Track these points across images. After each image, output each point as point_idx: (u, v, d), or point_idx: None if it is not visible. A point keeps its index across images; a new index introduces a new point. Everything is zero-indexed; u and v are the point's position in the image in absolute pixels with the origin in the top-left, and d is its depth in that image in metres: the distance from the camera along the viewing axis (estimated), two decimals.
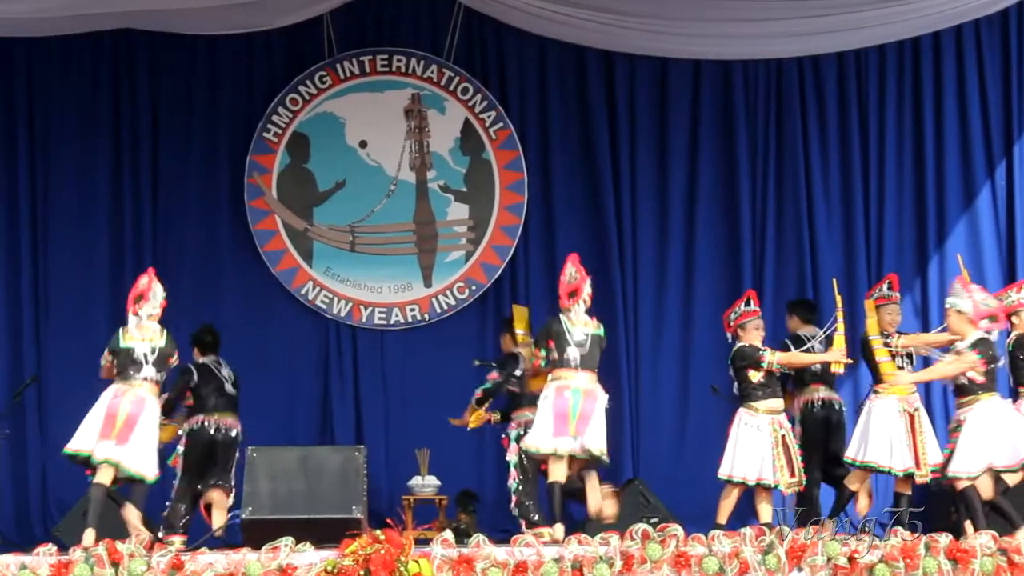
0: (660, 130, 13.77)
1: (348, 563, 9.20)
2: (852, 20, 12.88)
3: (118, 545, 9.32)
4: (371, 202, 13.62)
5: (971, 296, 10.42)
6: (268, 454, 10.31)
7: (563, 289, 10.86)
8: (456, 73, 13.67)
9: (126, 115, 13.46)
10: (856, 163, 13.66)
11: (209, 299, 13.28)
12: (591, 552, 9.43)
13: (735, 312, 11.09)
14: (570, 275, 10.88)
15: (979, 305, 10.38)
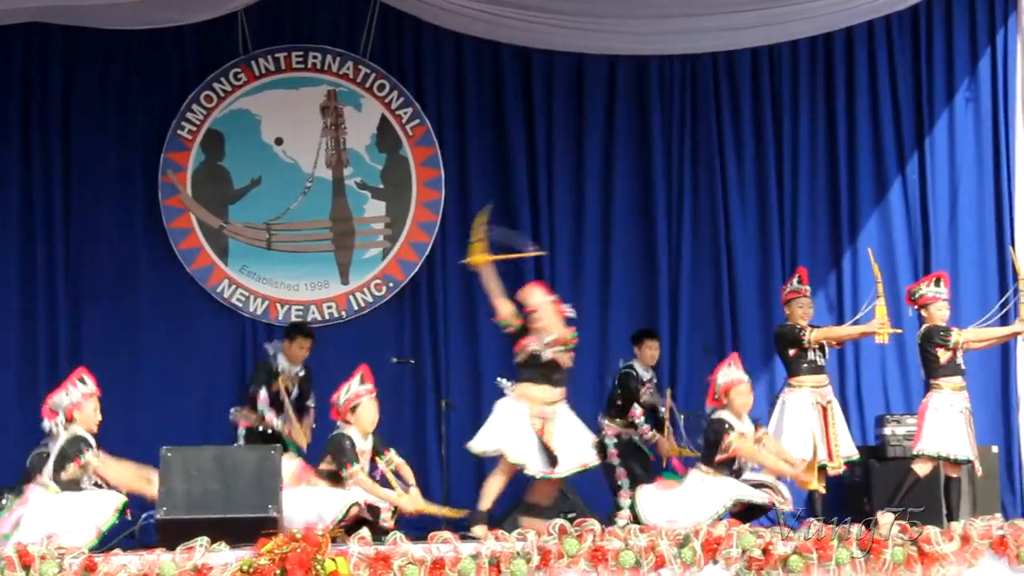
0: (576, 126, 13.82)
1: (264, 562, 9.13)
2: (765, 16, 13.02)
3: (29, 548, 9.26)
4: (287, 199, 13.58)
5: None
6: (183, 453, 10.20)
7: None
8: (372, 70, 13.65)
9: (36, 111, 13.30)
10: (770, 158, 13.76)
11: (125, 298, 13.21)
12: (508, 548, 9.42)
13: (920, 291, 11.01)
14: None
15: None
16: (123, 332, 13.19)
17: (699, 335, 13.30)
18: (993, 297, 12.44)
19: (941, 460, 10.70)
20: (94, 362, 12.57)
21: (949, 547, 9.51)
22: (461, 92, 13.82)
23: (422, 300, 13.66)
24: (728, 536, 9.51)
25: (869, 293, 13.37)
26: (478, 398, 13.13)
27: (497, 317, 10.61)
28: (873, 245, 13.43)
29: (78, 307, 13.23)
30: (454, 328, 13.45)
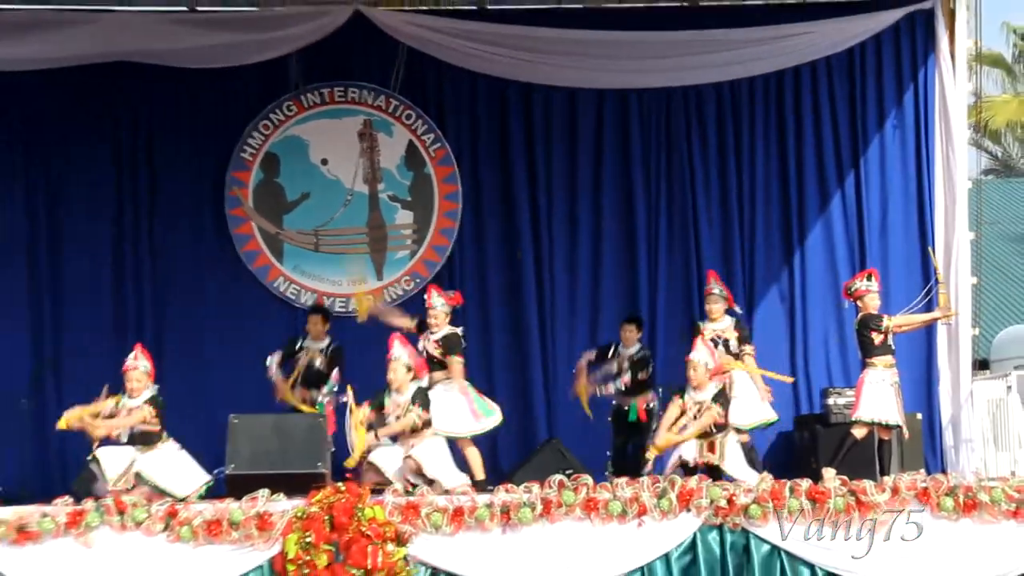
0: (570, 148, 13.72)
1: (315, 510, 9.21)
2: (725, 57, 13.03)
3: (123, 497, 9.32)
4: (331, 210, 13.55)
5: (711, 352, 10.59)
6: (247, 420, 10.28)
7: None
8: (401, 102, 13.64)
9: (124, 138, 13.34)
10: (731, 175, 13.63)
11: (197, 292, 13.22)
12: (516, 499, 9.48)
13: (855, 285, 11.03)
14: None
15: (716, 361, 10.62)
16: (196, 319, 13.19)
17: (674, 322, 13.31)
18: (917, 289, 12.42)
19: (875, 425, 10.71)
20: (173, 342, 12.79)
21: (882, 497, 9.56)
22: (475, 120, 13.77)
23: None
24: (699, 488, 9.56)
25: (815, 286, 13.49)
26: (490, 377, 13.16)
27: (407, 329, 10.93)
28: (816, 248, 13.56)
29: (160, 298, 13.23)
30: (471, 316, 13.40)
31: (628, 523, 9.45)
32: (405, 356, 10.38)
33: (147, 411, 9.98)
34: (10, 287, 13.07)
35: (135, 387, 10.09)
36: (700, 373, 10.38)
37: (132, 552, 9.13)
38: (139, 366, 10.16)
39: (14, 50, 12.24)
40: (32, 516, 9.14)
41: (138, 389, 10.08)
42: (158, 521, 9.17)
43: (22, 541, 9.07)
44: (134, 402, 10.04)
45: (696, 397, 10.39)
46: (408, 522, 9.26)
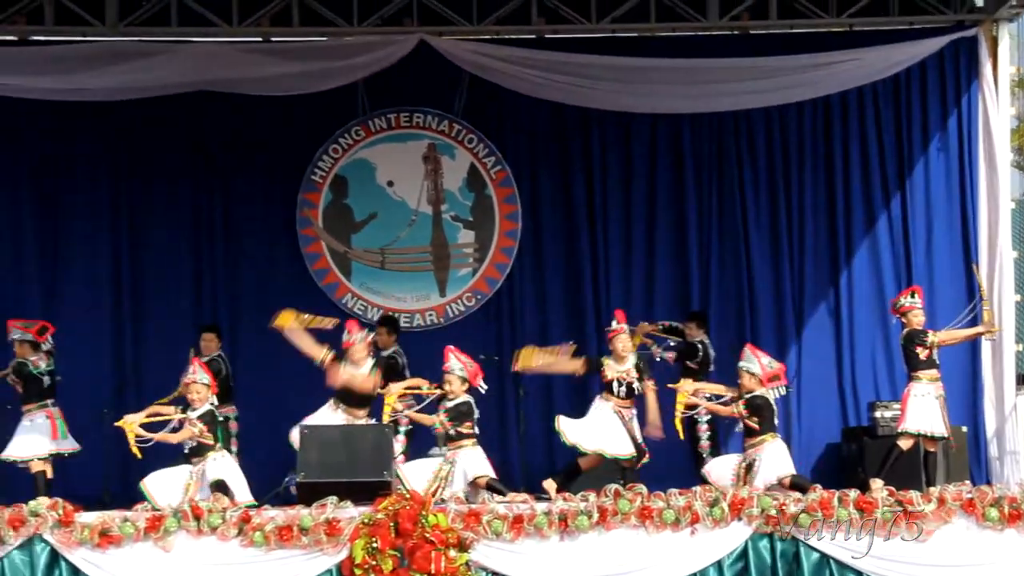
0: (625, 170, 13.70)
1: (381, 516, 9.20)
2: (774, 83, 12.98)
3: (200, 503, 9.36)
4: (397, 230, 13.60)
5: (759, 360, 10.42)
6: (317, 431, 10.31)
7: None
8: (464, 127, 13.67)
9: (203, 162, 13.48)
10: (780, 197, 13.57)
11: (270, 308, 13.17)
12: (573, 507, 9.43)
13: (901, 302, 11.02)
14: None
15: (766, 368, 10.38)
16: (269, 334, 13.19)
17: (725, 340, 13.20)
18: (961, 306, 12.31)
19: (921, 437, 10.60)
20: (248, 357, 12.84)
21: (928, 507, 9.43)
22: (534, 143, 13.77)
23: (504, 309, 13.63)
24: (750, 498, 9.47)
25: (862, 303, 13.37)
26: (548, 388, 13.14)
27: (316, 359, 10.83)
28: (863, 267, 13.45)
29: (235, 313, 13.31)
30: (529, 330, 13.42)
31: (681, 531, 9.37)
32: (459, 368, 10.41)
33: (200, 426, 10.05)
34: (96, 304, 13.20)
35: (196, 399, 10.19)
36: (747, 380, 10.32)
37: (208, 556, 9.17)
38: (198, 379, 10.25)
39: (98, 80, 12.41)
40: (114, 521, 9.20)
41: (199, 400, 10.17)
42: (232, 526, 9.20)
43: (104, 545, 9.12)
44: (195, 414, 10.14)
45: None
46: (470, 529, 9.23)
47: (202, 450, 10.06)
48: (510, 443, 12.82)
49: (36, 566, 9.08)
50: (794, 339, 13.19)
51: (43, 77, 12.49)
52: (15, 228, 13.25)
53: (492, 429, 11.98)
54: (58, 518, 9.13)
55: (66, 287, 13.26)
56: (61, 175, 13.35)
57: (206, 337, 12.08)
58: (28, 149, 13.31)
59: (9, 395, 11.42)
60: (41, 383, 11.08)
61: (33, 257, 13.22)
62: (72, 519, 9.14)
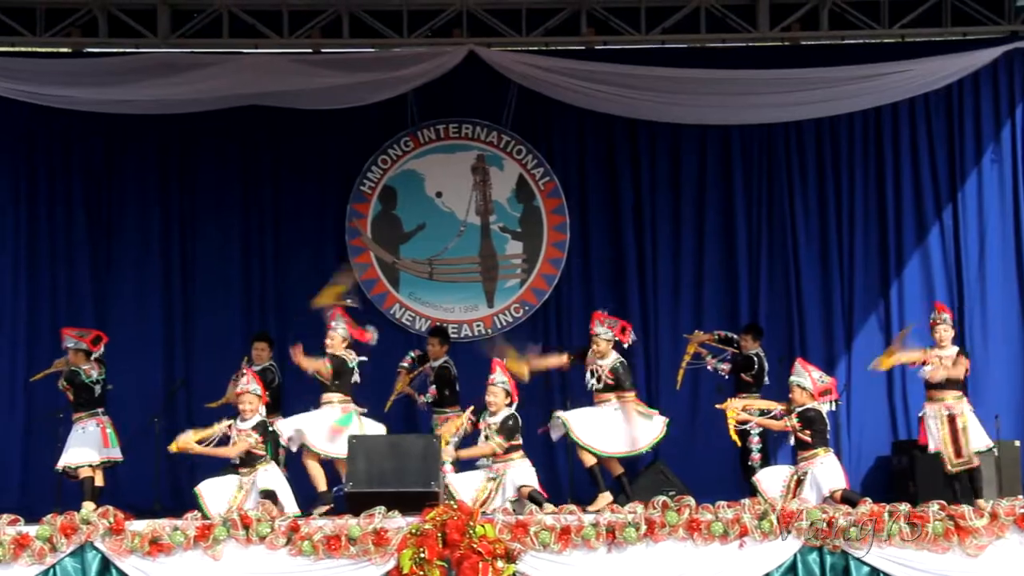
0: (674, 182, 13.70)
1: (428, 527, 9.22)
2: (824, 94, 12.92)
3: (249, 512, 9.42)
4: (445, 240, 13.64)
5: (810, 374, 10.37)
6: (365, 441, 10.34)
7: None
8: (512, 138, 13.70)
9: (253, 174, 13.58)
10: (831, 208, 13.54)
11: (318, 317, 13.29)
12: (621, 519, 9.42)
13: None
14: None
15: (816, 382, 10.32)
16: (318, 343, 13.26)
17: (773, 350, 13.13)
18: (1014, 318, 12.23)
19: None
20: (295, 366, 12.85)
21: (980, 522, 9.36)
22: (582, 155, 13.78)
23: (551, 320, 13.64)
24: (800, 511, 9.43)
25: (913, 315, 13.25)
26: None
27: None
28: (914, 279, 13.35)
29: (284, 322, 13.35)
30: (577, 340, 13.36)
31: (730, 544, 9.34)
32: (503, 381, 10.48)
33: (256, 437, 10.12)
34: (146, 314, 13.32)
35: (247, 409, 10.27)
36: (799, 395, 10.28)
37: (257, 565, 9.22)
38: (251, 389, 10.33)
39: (150, 91, 12.56)
40: (164, 529, 9.27)
41: (250, 411, 10.26)
42: (281, 536, 9.25)
43: (155, 553, 9.20)
44: (246, 424, 10.18)
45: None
46: (517, 540, 9.24)
47: (252, 460, 10.12)
48: (557, 455, 12.80)
49: (88, 573, 9.17)
50: (844, 350, 13.11)
51: (96, 89, 12.64)
52: (68, 238, 13.40)
53: (539, 441, 11.98)
54: (109, 526, 9.22)
55: (117, 298, 13.38)
56: (113, 187, 13.49)
57: (258, 346, 12.16)
58: (80, 161, 13.45)
59: (63, 403, 11.53)
60: (93, 392, 11.18)
61: (85, 267, 13.37)
62: (123, 527, 9.23)
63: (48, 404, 12.02)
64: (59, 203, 13.41)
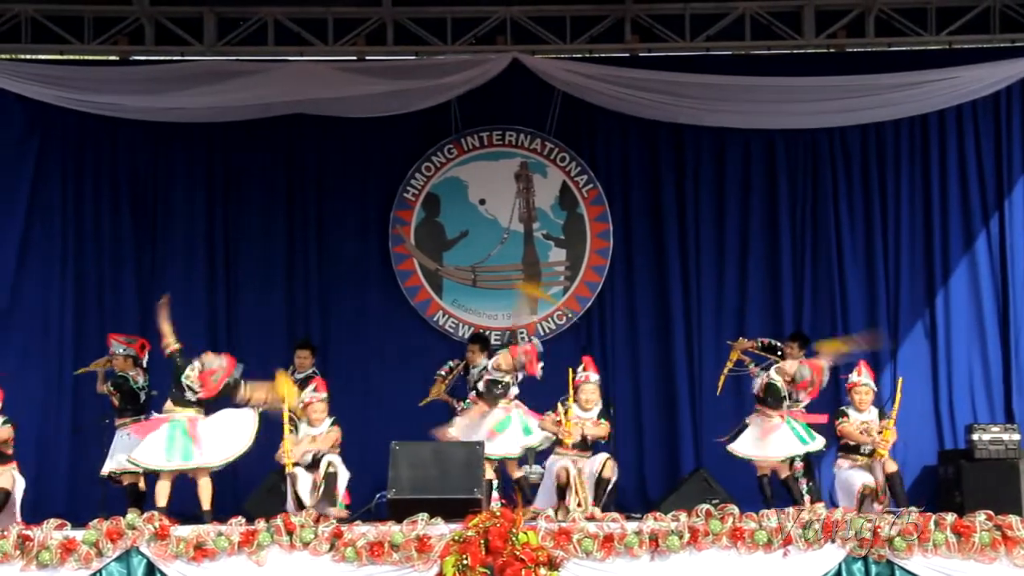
0: (718, 188, 13.67)
1: (471, 534, 9.21)
2: (870, 101, 12.88)
3: (292, 518, 9.46)
4: (489, 247, 13.68)
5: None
6: (407, 448, 10.34)
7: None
8: (555, 145, 13.71)
9: (297, 182, 13.64)
10: (876, 214, 13.49)
11: (362, 324, 13.41)
12: (664, 527, 9.40)
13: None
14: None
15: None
16: (361, 350, 13.38)
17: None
18: None
19: None
20: (339, 373, 12.97)
21: None
22: (626, 161, 13.77)
23: (594, 327, 13.63)
24: (843, 520, 9.38)
25: (959, 323, 13.19)
26: (638, 401, 13.15)
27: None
28: (961, 288, 13.26)
29: (327, 329, 13.44)
30: (620, 347, 13.44)
31: (774, 552, 9.30)
32: (597, 378, 10.65)
33: (337, 432, 10.38)
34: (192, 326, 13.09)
35: (317, 416, 10.47)
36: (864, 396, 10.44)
37: (300, 570, 9.23)
38: (321, 396, 10.56)
39: (196, 99, 12.68)
40: (208, 534, 9.32)
41: (320, 418, 10.47)
42: (324, 541, 9.28)
43: (199, 558, 9.24)
44: (317, 429, 10.36)
45: (861, 417, 10.46)
46: (560, 547, 9.23)
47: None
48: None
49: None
50: (889, 359, 13.03)
51: (142, 96, 12.78)
52: (114, 244, 13.49)
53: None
54: (154, 531, 9.27)
55: None
56: (159, 194, 13.57)
57: (301, 354, 12.23)
58: (127, 169, 13.54)
59: (108, 409, 11.62)
60: (138, 398, 11.26)
61: (131, 274, 13.44)
62: (168, 532, 9.27)
63: (95, 410, 12.10)
64: (105, 211, 13.48)
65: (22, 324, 13.18)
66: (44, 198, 13.33)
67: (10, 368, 12.68)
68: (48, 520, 9.50)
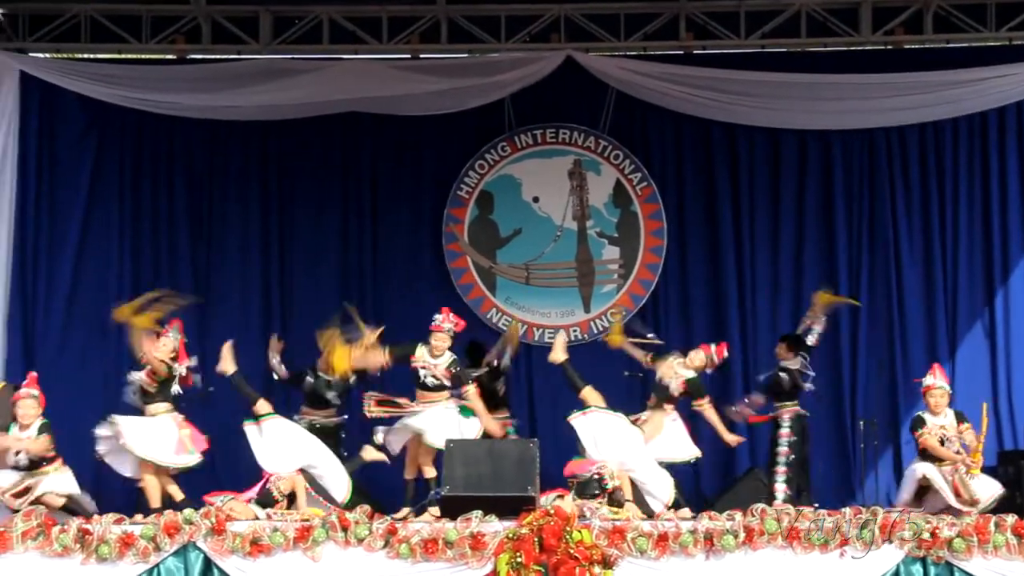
0: (773, 187, 13.59)
1: (525, 532, 9.21)
2: (928, 98, 12.77)
3: (347, 514, 9.50)
4: (542, 245, 13.66)
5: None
6: (462, 445, 10.38)
7: None
8: (609, 143, 13.68)
9: (352, 180, 13.65)
10: (934, 213, 13.35)
11: (415, 322, 13.34)
12: (719, 526, 9.37)
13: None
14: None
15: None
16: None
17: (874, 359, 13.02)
18: None
19: None
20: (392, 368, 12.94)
21: None
22: (680, 159, 13.71)
23: (648, 325, 13.51)
24: (902, 520, 9.30)
25: (1019, 322, 13.04)
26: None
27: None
28: (1020, 285, 13.14)
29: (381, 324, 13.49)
30: (673, 345, 13.27)
31: (830, 553, 9.23)
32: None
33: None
34: (246, 322, 13.32)
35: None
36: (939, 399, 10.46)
37: (355, 567, 9.27)
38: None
39: (251, 97, 12.76)
40: (264, 530, 9.37)
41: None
42: (379, 538, 9.31)
43: (255, 553, 9.29)
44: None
45: (938, 422, 10.48)
46: (614, 546, 9.21)
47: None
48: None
49: (191, 573, 9.29)
50: (947, 359, 12.90)
51: (199, 95, 12.88)
52: (172, 245, 13.52)
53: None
54: (211, 526, 9.33)
55: (217, 300, 13.49)
56: (215, 194, 13.62)
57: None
58: (183, 167, 13.59)
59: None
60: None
61: (187, 275, 13.47)
62: (224, 528, 9.34)
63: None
64: (162, 210, 13.54)
65: (80, 324, 13.27)
66: (102, 196, 13.40)
67: (70, 369, 12.83)
68: (107, 514, 9.59)
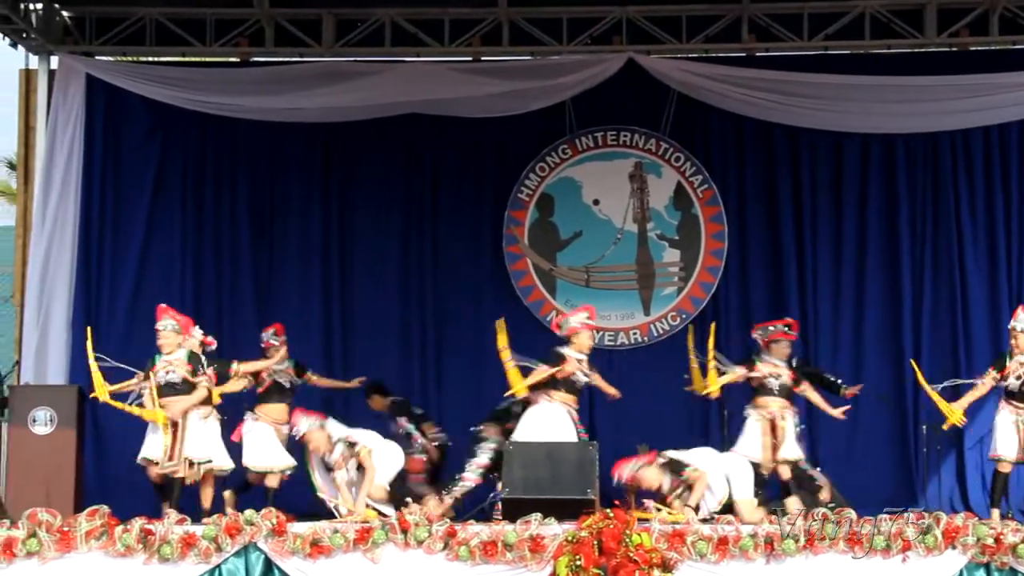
0: (835, 191, 13.47)
1: (584, 535, 9.21)
2: (994, 100, 12.61)
3: (407, 516, 9.52)
4: (602, 248, 13.64)
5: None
6: (522, 448, 10.40)
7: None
8: (670, 145, 13.64)
9: (414, 181, 13.70)
10: (999, 219, 13.19)
11: (476, 324, 13.40)
12: (780, 530, 9.32)
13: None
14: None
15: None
16: (474, 349, 13.33)
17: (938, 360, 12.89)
18: None
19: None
20: (453, 370, 13.05)
21: None
22: (741, 162, 13.64)
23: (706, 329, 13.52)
24: (965, 526, 9.21)
25: None
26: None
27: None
28: None
29: (441, 327, 13.50)
30: (735, 354, 13.20)
31: (892, 558, 9.16)
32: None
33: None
34: (306, 323, 13.45)
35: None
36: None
37: (414, 569, 9.31)
38: None
39: (314, 100, 12.83)
40: (324, 532, 9.42)
41: None
42: (438, 540, 9.33)
43: (315, 555, 9.35)
44: None
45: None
46: (674, 549, 9.19)
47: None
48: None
49: (252, 573, 9.36)
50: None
51: (261, 97, 12.95)
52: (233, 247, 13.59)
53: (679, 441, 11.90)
54: (272, 527, 9.39)
55: (279, 300, 13.55)
56: (276, 196, 13.68)
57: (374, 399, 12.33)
58: (246, 168, 13.66)
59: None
60: None
61: (248, 277, 13.53)
62: (285, 529, 9.39)
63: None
64: (224, 212, 13.61)
65: (144, 324, 13.33)
66: (165, 198, 13.49)
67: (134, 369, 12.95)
68: (169, 514, 9.69)
